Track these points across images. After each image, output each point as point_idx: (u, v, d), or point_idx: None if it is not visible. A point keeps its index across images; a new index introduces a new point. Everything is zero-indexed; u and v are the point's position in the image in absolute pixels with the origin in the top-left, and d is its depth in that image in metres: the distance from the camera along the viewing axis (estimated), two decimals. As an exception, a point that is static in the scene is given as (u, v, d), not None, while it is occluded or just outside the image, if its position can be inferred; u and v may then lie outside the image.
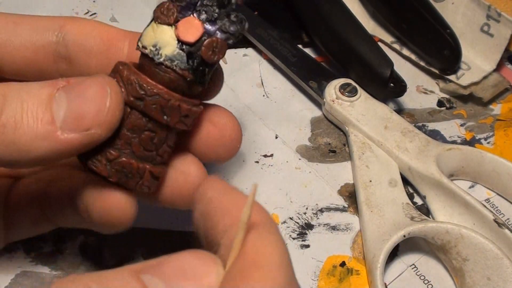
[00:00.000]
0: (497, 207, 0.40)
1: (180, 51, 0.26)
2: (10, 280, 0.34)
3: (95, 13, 0.50)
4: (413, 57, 0.47)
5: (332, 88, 0.43)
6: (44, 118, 0.24)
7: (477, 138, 0.43)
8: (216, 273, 0.20)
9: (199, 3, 0.26)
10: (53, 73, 0.29)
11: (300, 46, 0.47)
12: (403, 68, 0.47)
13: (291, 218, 0.38)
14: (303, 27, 0.49)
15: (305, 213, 0.38)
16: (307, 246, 0.37)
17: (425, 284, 0.36)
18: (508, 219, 0.39)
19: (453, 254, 0.35)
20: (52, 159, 0.24)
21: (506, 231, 0.35)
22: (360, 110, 0.42)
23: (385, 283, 0.35)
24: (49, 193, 0.31)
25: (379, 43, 0.47)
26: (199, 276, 0.20)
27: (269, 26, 0.48)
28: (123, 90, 0.25)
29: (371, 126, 0.41)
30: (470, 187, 0.40)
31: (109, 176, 0.26)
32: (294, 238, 0.37)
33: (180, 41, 0.25)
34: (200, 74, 0.26)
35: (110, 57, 0.28)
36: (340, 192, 0.40)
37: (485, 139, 0.43)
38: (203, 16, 0.26)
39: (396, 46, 0.48)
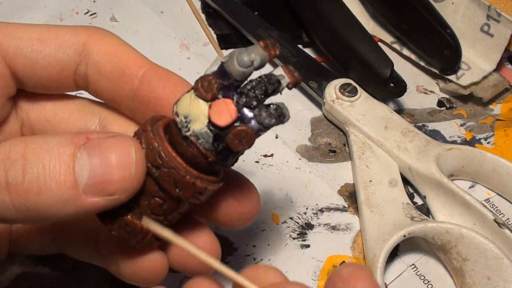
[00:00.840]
0: (497, 207, 0.40)
1: (208, 131, 0.24)
2: (10, 280, 0.34)
3: (95, 13, 0.50)
4: (413, 57, 0.47)
5: (332, 88, 0.43)
6: (67, 183, 0.23)
7: (477, 138, 0.43)
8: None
9: (244, 85, 0.24)
10: (72, 89, 0.29)
11: (300, 46, 0.47)
12: (403, 68, 0.47)
13: (291, 218, 0.38)
14: (303, 27, 0.49)
15: (305, 213, 0.38)
16: (307, 246, 0.37)
17: (425, 284, 0.36)
18: (508, 219, 0.39)
19: (453, 254, 0.35)
20: (72, 219, 0.24)
21: (506, 231, 0.35)
22: (360, 110, 0.42)
23: (385, 283, 0.35)
24: (67, 230, 0.31)
25: (379, 43, 0.47)
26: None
27: (269, 26, 0.48)
28: (144, 150, 0.25)
29: (371, 126, 0.41)
30: (470, 187, 0.40)
31: (112, 229, 0.26)
32: (294, 238, 0.37)
33: (211, 122, 0.24)
34: (222, 158, 0.25)
35: (121, 86, 0.28)
36: (340, 192, 0.40)
37: (485, 139, 0.43)
38: (243, 100, 0.24)
39: (396, 46, 0.48)
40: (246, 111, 0.24)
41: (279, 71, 0.24)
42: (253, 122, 0.24)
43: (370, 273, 0.21)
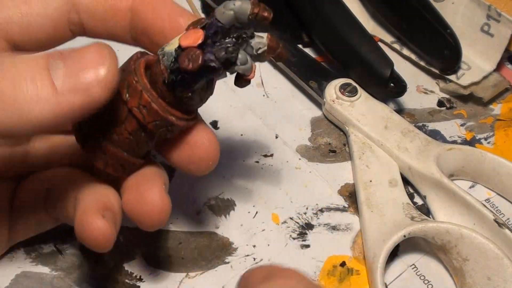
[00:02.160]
0: (497, 207, 0.40)
1: (173, 51, 0.26)
2: (10, 280, 0.34)
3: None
4: (413, 57, 0.47)
5: (332, 88, 0.43)
6: (43, 82, 0.24)
7: (477, 138, 0.43)
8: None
9: (226, 30, 0.26)
10: (69, 38, 0.30)
11: (300, 46, 0.47)
12: (403, 68, 0.47)
13: (291, 218, 0.38)
14: (303, 27, 0.49)
15: (305, 213, 0.38)
16: (307, 246, 0.37)
17: (425, 284, 0.36)
18: (508, 219, 0.39)
19: (454, 254, 0.35)
20: (52, 124, 0.24)
21: (507, 231, 0.35)
22: (360, 110, 0.42)
23: (385, 283, 0.35)
24: (51, 193, 0.31)
25: (379, 43, 0.47)
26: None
27: (269, 26, 0.47)
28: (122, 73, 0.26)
29: (371, 126, 0.41)
30: (470, 187, 0.40)
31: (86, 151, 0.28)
32: (294, 238, 0.37)
33: (179, 45, 0.26)
34: (175, 78, 0.26)
35: (116, 23, 0.29)
36: (340, 192, 0.40)
37: (485, 139, 0.43)
38: (214, 35, 0.26)
39: (396, 46, 0.48)
40: (211, 44, 0.26)
41: (264, 37, 0.27)
42: (209, 50, 0.26)
43: None
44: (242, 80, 0.27)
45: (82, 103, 0.24)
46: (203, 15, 0.50)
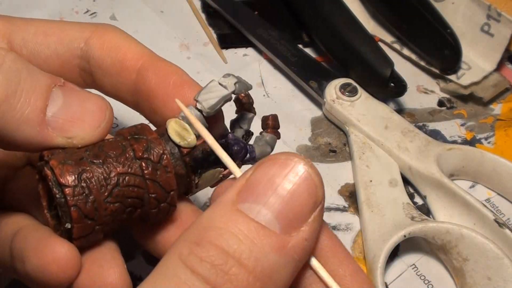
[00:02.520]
0: (497, 207, 0.40)
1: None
2: (10, 280, 0.34)
3: (95, 12, 0.49)
4: (413, 57, 0.47)
5: (333, 88, 0.43)
6: (37, 104, 0.23)
7: (477, 138, 0.43)
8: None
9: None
10: (80, 85, 0.28)
11: (300, 46, 0.47)
12: (404, 68, 0.47)
13: (291, 218, 0.38)
14: (303, 27, 0.49)
15: (305, 213, 0.38)
16: (308, 246, 0.37)
17: (426, 284, 0.36)
18: (508, 219, 0.39)
19: (454, 254, 0.35)
20: (27, 146, 0.24)
21: (507, 231, 0.35)
22: (361, 110, 0.42)
23: (386, 283, 0.35)
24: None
25: (380, 43, 0.47)
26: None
27: (269, 26, 0.48)
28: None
29: (371, 126, 0.41)
30: (470, 187, 0.40)
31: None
32: (294, 238, 0.37)
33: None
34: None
35: (121, 80, 0.28)
36: (340, 192, 0.40)
37: (486, 139, 0.43)
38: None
39: (397, 46, 0.48)
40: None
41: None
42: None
43: None
44: None
45: (58, 144, 0.24)
46: (203, 15, 0.50)
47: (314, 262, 0.21)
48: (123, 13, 0.50)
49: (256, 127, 0.29)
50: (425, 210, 0.39)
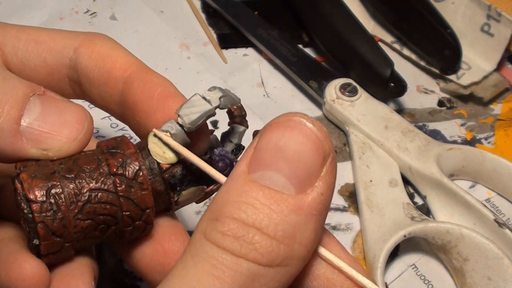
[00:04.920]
0: (497, 207, 0.40)
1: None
2: None
3: (95, 12, 0.49)
4: (413, 57, 0.47)
5: (333, 88, 0.43)
6: (11, 113, 0.23)
7: (477, 138, 0.43)
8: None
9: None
10: (70, 96, 0.28)
11: (300, 46, 0.47)
12: (404, 68, 0.47)
13: (291, 218, 0.38)
14: (303, 27, 0.49)
15: (305, 213, 0.38)
16: (308, 246, 0.37)
17: (426, 284, 0.36)
18: (508, 219, 0.39)
19: (454, 254, 0.35)
20: (7, 159, 0.23)
21: (507, 231, 0.35)
22: (361, 110, 0.42)
23: (386, 283, 0.35)
24: None
25: (380, 43, 0.47)
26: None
27: (269, 26, 0.48)
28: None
29: (371, 126, 0.41)
30: (470, 187, 0.40)
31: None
32: (294, 238, 0.37)
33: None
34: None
35: (108, 90, 0.27)
36: (340, 192, 0.40)
37: (486, 139, 0.43)
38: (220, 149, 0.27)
39: (397, 46, 0.48)
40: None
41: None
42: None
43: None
44: None
45: (33, 155, 0.23)
46: (203, 15, 0.50)
47: (322, 250, 0.22)
48: (123, 13, 0.50)
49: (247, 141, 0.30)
50: (425, 210, 0.39)
